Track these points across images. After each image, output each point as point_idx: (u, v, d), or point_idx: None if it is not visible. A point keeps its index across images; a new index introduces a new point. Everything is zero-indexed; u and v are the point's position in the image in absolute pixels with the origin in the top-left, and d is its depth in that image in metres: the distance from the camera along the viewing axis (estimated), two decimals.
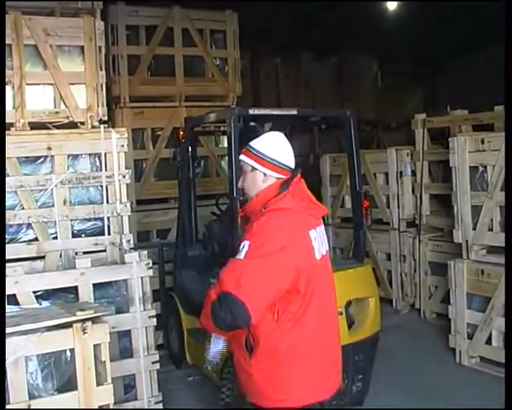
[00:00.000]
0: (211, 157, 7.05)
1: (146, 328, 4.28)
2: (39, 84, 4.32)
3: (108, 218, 4.31)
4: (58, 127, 4.29)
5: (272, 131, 3.22)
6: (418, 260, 6.83)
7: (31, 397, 2.68)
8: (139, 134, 6.80)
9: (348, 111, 4.76)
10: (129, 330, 4.23)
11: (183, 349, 5.37)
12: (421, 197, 6.86)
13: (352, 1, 9.06)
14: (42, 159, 4.17)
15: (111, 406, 2.82)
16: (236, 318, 2.51)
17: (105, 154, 4.28)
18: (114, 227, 4.33)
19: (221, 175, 6.89)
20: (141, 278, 4.25)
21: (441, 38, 10.58)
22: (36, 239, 4.15)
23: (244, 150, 2.92)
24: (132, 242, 4.46)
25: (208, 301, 2.61)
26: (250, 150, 2.86)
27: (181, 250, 5.51)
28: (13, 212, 4.06)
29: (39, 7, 4.55)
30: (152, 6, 6.84)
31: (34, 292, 3.86)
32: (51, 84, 4.30)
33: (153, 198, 6.77)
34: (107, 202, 4.29)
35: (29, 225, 4.14)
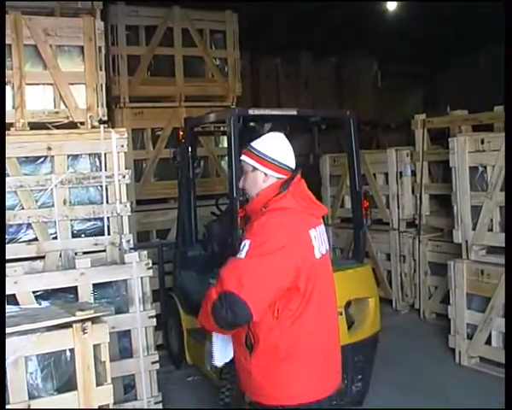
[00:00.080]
0: (211, 157, 7.05)
1: (146, 328, 4.29)
2: (39, 84, 4.32)
3: (108, 218, 4.31)
4: (58, 127, 4.29)
5: (272, 131, 3.23)
6: (418, 260, 6.83)
7: (30, 397, 2.68)
8: (139, 134, 6.79)
9: (348, 111, 4.76)
10: (129, 330, 4.23)
11: (183, 349, 5.37)
12: (420, 197, 6.86)
13: (352, 1, 9.07)
14: (42, 159, 4.18)
15: (111, 406, 2.82)
16: (238, 316, 2.53)
17: (105, 154, 4.28)
18: (114, 227, 4.33)
19: (221, 175, 6.89)
20: (140, 278, 4.26)
21: (441, 38, 10.59)
22: (36, 239, 4.16)
23: (245, 151, 2.94)
24: (132, 242, 4.46)
25: (208, 300, 2.62)
26: (251, 151, 2.89)
27: (181, 250, 5.51)
28: (13, 212, 4.06)
29: (39, 7, 4.56)
30: (152, 6, 6.84)
31: (34, 292, 3.86)
32: (51, 84, 4.30)
33: (153, 198, 6.76)
34: (106, 202, 4.29)
35: (29, 225, 4.14)
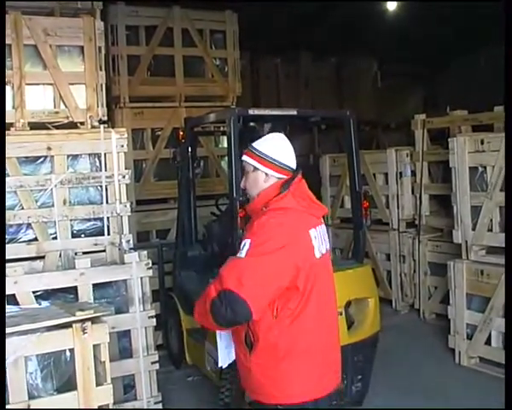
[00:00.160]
0: (210, 157, 7.04)
1: (145, 328, 4.28)
2: (39, 84, 4.32)
3: (108, 218, 4.31)
4: (58, 127, 4.29)
5: (272, 131, 3.25)
6: (418, 260, 6.83)
7: (30, 397, 2.68)
8: (139, 134, 6.79)
9: (348, 111, 4.76)
10: (128, 330, 4.23)
11: (183, 350, 5.37)
12: (420, 198, 6.86)
13: (352, 1, 9.07)
14: (41, 159, 4.18)
15: (110, 406, 2.82)
16: (237, 315, 2.55)
17: (105, 154, 4.28)
18: (114, 227, 4.33)
19: (221, 175, 6.89)
20: (140, 279, 4.25)
21: (441, 38, 10.58)
22: (35, 239, 4.16)
23: (246, 151, 2.97)
24: (132, 242, 4.46)
25: (207, 297, 2.64)
26: (252, 151, 2.92)
27: (180, 251, 5.51)
28: (12, 212, 4.06)
29: (39, 7, 4.57)
30: (152, 6, 6.83)
31: (34, 292, 3.86)
32: (51, 84, 4.30)
33: (152, 198, 6.76)
34: (106, 203, 4.29)
35: (29, 225, 4.14)
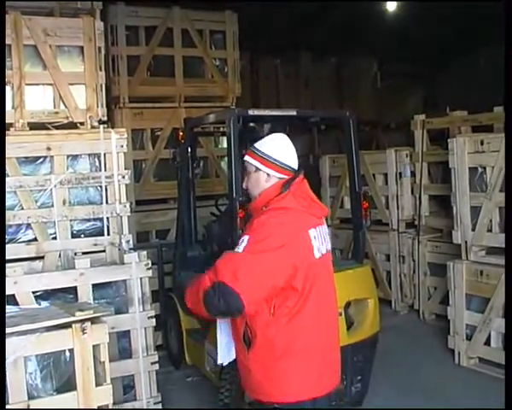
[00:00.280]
0: (210, 158, 7.04)
1: (145, 328, 4.28)
2: (39, 84, 4.32)
3: (108, 218, 4.31)
4: (57, 127, 4.29)
5: (271, 131, 3.27)
6: (417, 260, 6.82)
7: (30, 397, 2.68)
8: (138, 134, 6.78)
9: (348, 112, 4.76)
10: (128, 330, 4.23)
11: (183, 350, 5.37)
12: (420, 198, 6.86)
13: (352, 1, 9.07)
14: (41, 159, 4.18)
15: (110, 406, 2.82)
16: (230, 307, 2.60)
17: (104, 154, 4.28)
18: (114, 228, 4.33)
19: (220, 176, 6.89)
20: (140, 279, 4.25)
21: (441, 38, 10.58)
22: (35, 239, 4.15)
23: (248, 151, 3.01)
24: (132, 242, 4.46)
25: (200, 286, 2.68)
26: (254, 151, 2.95)
27: (180, 251, 5.51)
28: (12, 212, 4.06)
29: (39, 7, 4.57)
30: (151, 6, 6.83)
31: (33, 292, 3.86)
32: (51, 84, 4.30)
33: (152, 199, 6.75)
34: (106, 203, 4.29)
35: (28, 226, 4.14)
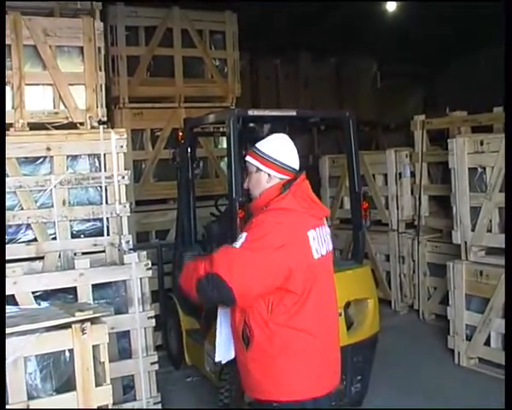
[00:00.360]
0: (210, 158, 7.03)
1: (145, 329, 4.28)
2: (38, 84, 4.32)
3: (107, 218, 4.31)
4: (57, 128, 4.29)
5: (271, 132, 3.27)
6: (417, 261, 6.83)
7: (29, 398, 2.68)
8: (138, 135, 6.78)
9: (347, 112, 4.75)
10: (128, 330, 4.23)
11: (182, 350, 5.37)
12: (420, 198, 6.86)
13: (352, 1, 9.07)
14: (41, 159, 4.17)
15: (110, 406, 2.82)
16: (222, 298, 2.68)
17: (104, 154, 4.28)
18: (113, 228, 4.33)
19: (220, 176, 6.89)
20: (140, 279, 4.25)
21: (441, 38, 10.58)
22: (35, 240, 4.15)
23: (250, 152, 3.02)
24: (131, 242, 4.46)
25: (195, 272, 2.72)
26: (255, 152, 2.96)
27: (180, 251, 5.51)
28: (12, 212, 4.06)
29: (38, 7, 4.57)
30: (151, 7, 6.83)
31: (33, 293, 3.86)
32: (50, 84, 4.31)
33: (152, 199, 6.75)
34: (106, 203, 4.29)
35: (28, 226, 4.14)
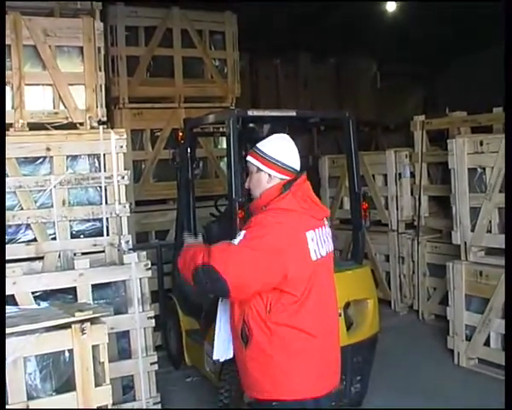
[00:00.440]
0: (210, 158, 7.03)
1: (144, 329, 4.28)
2: (38, 84, 4.33)
3: (107, 219, 4.31)
4: (57, 128, 4.29)
5: (271, 132, 3.27)
6: (417, 261, 6.83)
7: (29, 398, 2.68)
8: (138, 135, 6.77)
9: (347, 112, 4.76)
10: (127, 331, 4.23)
11: (182, 350, 5.37)
12: (419, 199, 6.86)
13: (352, 1, 9.07)
14: (41, 159, 4.18)
15: (109, 406, 2.82)
16: (216, 291, 2.80)
17: (104, 154, 4.28)
18: (113, 228, 4.33)
19: (220, 176, 6.88)
20: (139, 279, 4.26)
21: (441, 38, 10.59)
22: (35, 240, 4.15)
23: (250, 152, 3.02)
24: (131, 243, 4.46)
25: (193, 259, 2.76)
26: (256, 152, 2.96)
27: (180, 251, 5.49)
28: (12, 212, 4.06)
29: (38, 7, 4.57)
30: (151, 7, 6.82)
31: (33, 293, 3.87)
32: (50, 84, 4.31)
33: (152, 199, 6.74)
34: (105, 203, 4.29)
35: (28, 226, 4.14)
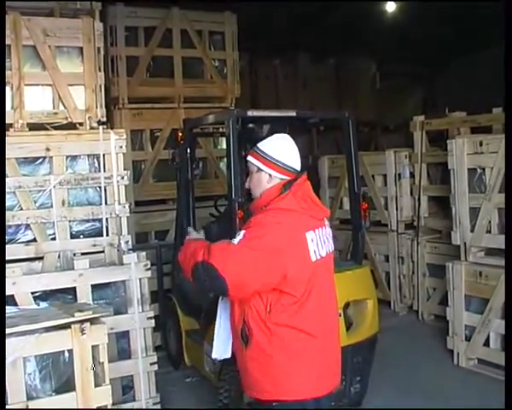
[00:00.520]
0: (209, 159, 7.03)
1: (144, 329, 4.28)
2: (38, 84, 4.33)
3: (107, 219, 4.31)
4: (56, 128, 4.29)
5: (271, 132, 3.27)
6: (416, 261, 6.83)
7: (29, 398, 2.67)
8: (138, 135, 6.76)
9: (347, 112, 4.76)
10: (127, 331, 4.23)
11: (182, 351, 5.37)
12: (419, 199, 6.86)
13: (352, 1, 9.07)
14: (40, 160, 4.17)
15: (109, 407, 2.82)
16: (215, 288, 2.77)
17: (103, 155, 4.28)
18: (113, 228, 4.33)
19: (220, 177, 6.88)
20: (139, 280, 4.25)
21: (441, 38, 10.59)
22: (34, 240, 4.15)
23: (251, 151, 3.02)
24: (131, 243, 4.46)
25: (194, 255, 2.76)
26: (256, 152, 2.96)
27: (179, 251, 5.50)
28: (11, 212, 4.06)
29: (38, 7, 4.57)
30: (151, 7, 6.83)
31: (32, 293, 3.86)
32: (50, 84, 4.31)
33: (151, 199, 6.74)
34: (105, 203, 4.29)
35: (27, 226, 4.14)
